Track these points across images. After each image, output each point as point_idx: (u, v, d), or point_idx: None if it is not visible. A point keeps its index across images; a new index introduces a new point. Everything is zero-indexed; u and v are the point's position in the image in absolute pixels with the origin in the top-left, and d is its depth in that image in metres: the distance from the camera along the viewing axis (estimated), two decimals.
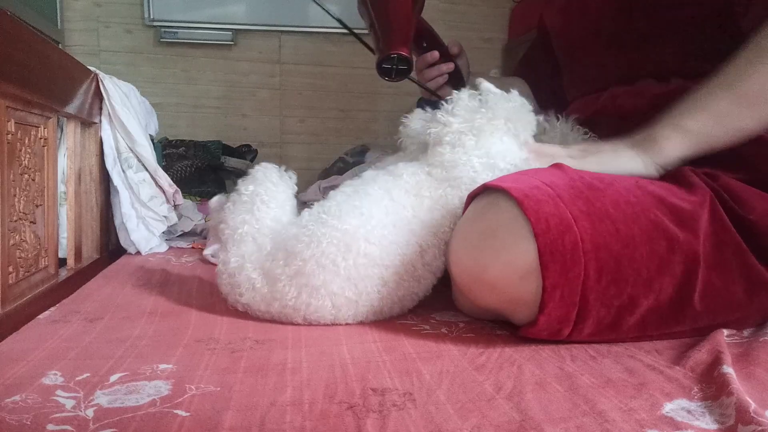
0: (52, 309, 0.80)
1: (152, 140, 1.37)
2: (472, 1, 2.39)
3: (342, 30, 1.04)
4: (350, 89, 2.34)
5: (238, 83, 2.26)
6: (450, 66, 1.04)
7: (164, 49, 2.19)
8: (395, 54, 0.87)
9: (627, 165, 0.72)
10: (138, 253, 1.28)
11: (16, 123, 0.76)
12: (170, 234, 1.47)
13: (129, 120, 1.24)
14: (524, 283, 0.61)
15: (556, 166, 0.69)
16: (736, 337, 0.67)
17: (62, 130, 1.09)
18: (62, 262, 1.00)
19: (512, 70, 1.23)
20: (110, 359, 0.59)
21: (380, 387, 0.53)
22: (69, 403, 0.48)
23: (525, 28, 2.19)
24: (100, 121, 1.22)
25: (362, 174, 0.81)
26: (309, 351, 0.63)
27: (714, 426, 0.45)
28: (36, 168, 0.83)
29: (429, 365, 0.59)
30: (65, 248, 1.05)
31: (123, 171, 1.26)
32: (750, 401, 0.46)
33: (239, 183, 0.82)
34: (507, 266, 0.61)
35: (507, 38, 2.42)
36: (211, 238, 1.23)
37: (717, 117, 0.69)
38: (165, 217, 1.33)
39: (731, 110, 0.69)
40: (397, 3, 0.91)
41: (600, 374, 0.56)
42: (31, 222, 0.80)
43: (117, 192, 1.25)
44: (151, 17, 2.13)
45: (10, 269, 0.74)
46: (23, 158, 0.78)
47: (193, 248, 1.38)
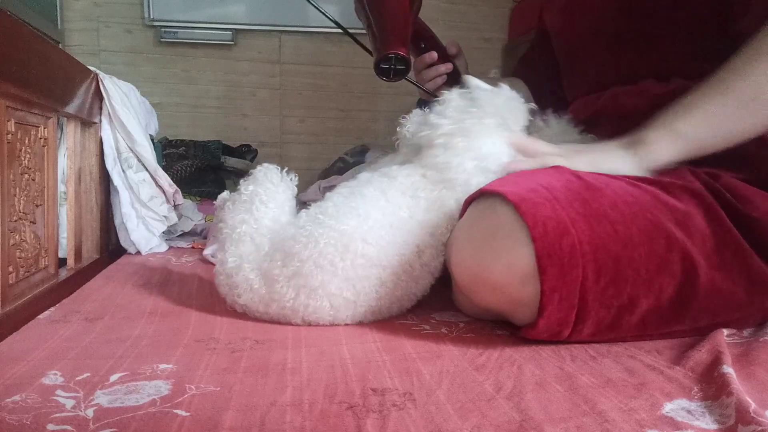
0: (52, 309, 0.80)
1: (152, 140, 1.37)
2: (472, 1, 2.39)
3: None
4: (350, 89, 2.34)
5: (238, 83, 2.26)
6: (448, 67, 1.03)
7: (164, 49, 2.19)
8: (393, 54, 0.87)
9: (616, 165, 0.71)
10: (138, 253, 1.29)
11: (16, 123, 0.76)
12: (170, 234, 1.47)
13: (129, 120, 1.24)
14: (524, 286, 0.61)
15: (554, 167, 0.69)
16: (736, 337, 0.67)
17: (62, 130, 1.09)
18: (62, 262, 1.00)
19: (511, 71, 1.23)
20: (110, 359, 0.60)
21: (380, 387, 0.53)
22: (69, 403, 0.49)
23: (525, 28, 2.19)
24: (100, 121, 1.22)
25: (357, 176, 0.81)
26: (309, 351, 0.63)
27: (714, 426, 0.45)
28: (36, 168, 0.83)
29: (429, 365, 0.59)
30: (65, 248, 1.05)
31: (123, 171, 1.26)
32: (750, 401, 0.46)
33: (240, 183, 0.82)
34: (508, 269, 0.62)
35: (507, 38, 2.42)
36: (212, 238, 1.23)
37: (709, 120, 0.69)
38: (165, 217, 1.33)
39: (724, 113, 0.68)
40: (394, 2, 0.91)
41: (600, 374, 0.56)
42: (31, 222, 0.80)
43: (117, 192, 1.25)
44: (151, 17, 2.14)
45: (10, 269, 0.74)
46: (23, 158, 0.78)
47: (193, 248, 1.38)
